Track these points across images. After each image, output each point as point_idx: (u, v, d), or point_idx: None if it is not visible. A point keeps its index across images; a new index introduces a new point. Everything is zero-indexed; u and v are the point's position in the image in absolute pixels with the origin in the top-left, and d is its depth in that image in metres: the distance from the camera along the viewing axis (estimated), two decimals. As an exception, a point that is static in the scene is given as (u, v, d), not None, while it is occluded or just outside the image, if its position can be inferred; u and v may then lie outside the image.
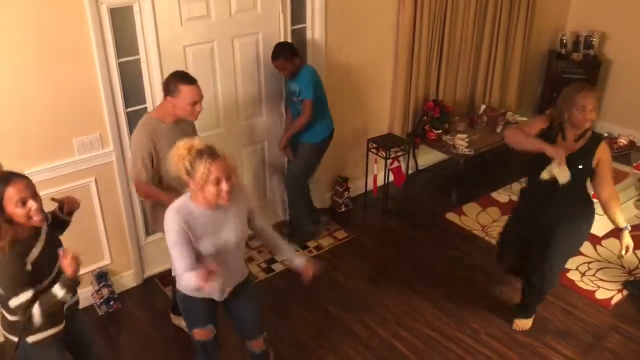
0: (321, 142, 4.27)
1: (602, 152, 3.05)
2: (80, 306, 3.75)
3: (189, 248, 2.44)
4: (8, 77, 3.11)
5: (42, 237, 2.38)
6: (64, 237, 2.63)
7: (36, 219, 2.25)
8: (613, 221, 3.18)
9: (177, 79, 3.03)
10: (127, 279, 4.04)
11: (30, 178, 2.33)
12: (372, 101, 5.00)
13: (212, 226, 2.49)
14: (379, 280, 4.17)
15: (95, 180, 3.62)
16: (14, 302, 2.26)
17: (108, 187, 3.69)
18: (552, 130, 3.10)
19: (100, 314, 3.81)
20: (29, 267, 2.27)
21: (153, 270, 4.16)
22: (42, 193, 3.33)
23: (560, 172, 2.98)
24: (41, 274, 2.33)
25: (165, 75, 3.67)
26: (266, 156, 4.53)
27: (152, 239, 4.10)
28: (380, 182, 5.07)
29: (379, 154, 4.86)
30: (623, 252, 3.19)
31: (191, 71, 3.56)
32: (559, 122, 3.07)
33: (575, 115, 2.95)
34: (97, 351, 2.90)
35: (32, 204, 2.24)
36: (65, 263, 2.25)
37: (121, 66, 3.52)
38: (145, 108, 3.72)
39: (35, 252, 2.31)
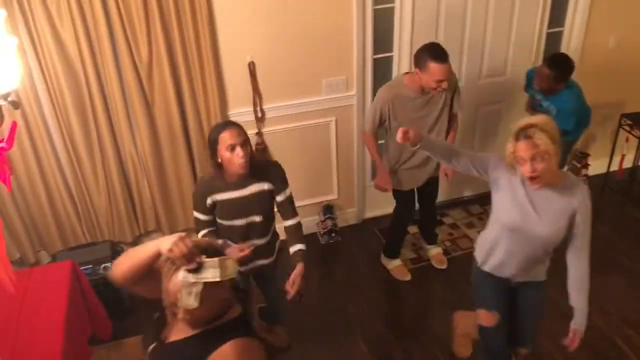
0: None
1: None
2: (305, 233, 4.17)
3: None
4: (277, 17, 3.39)
5: (239, 192, 2.54)
6: (300, 170, 2.82)
7: (238, 163, 2.40)
8: None
9: (428, 55, 2.99)
10: (349, 216, 4.29)
11: (282, 111, 2.40)
12: (634, 69, 4.41)
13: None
14: (607, 270, 3.80)
15: (336, 120, 3.84)
16: (194, 214, 2.63)
17: (345, 128, 3.90)
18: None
19: (321, 242, 4.15)
20: (209, 202, 2.54)
21: (372, 212, 4.35)
22: (287, 125, 3.71)
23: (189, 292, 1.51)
24: (226, 213, 2.57)
25: (415, 25, 3.70)
26: (503, 117, 4.32)
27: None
28: (628, 163, 4.54)
29: (633, 132, 4.33)
30: None
31: (442, 18, 3.53)
32: None
33: None
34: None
35: (239, 151, 2.39)
36: (231, 253, 2.45)
37: (375, 13, 3.62)
38: (392, 57, 3.80)
39: (224, 196, 2.53)
